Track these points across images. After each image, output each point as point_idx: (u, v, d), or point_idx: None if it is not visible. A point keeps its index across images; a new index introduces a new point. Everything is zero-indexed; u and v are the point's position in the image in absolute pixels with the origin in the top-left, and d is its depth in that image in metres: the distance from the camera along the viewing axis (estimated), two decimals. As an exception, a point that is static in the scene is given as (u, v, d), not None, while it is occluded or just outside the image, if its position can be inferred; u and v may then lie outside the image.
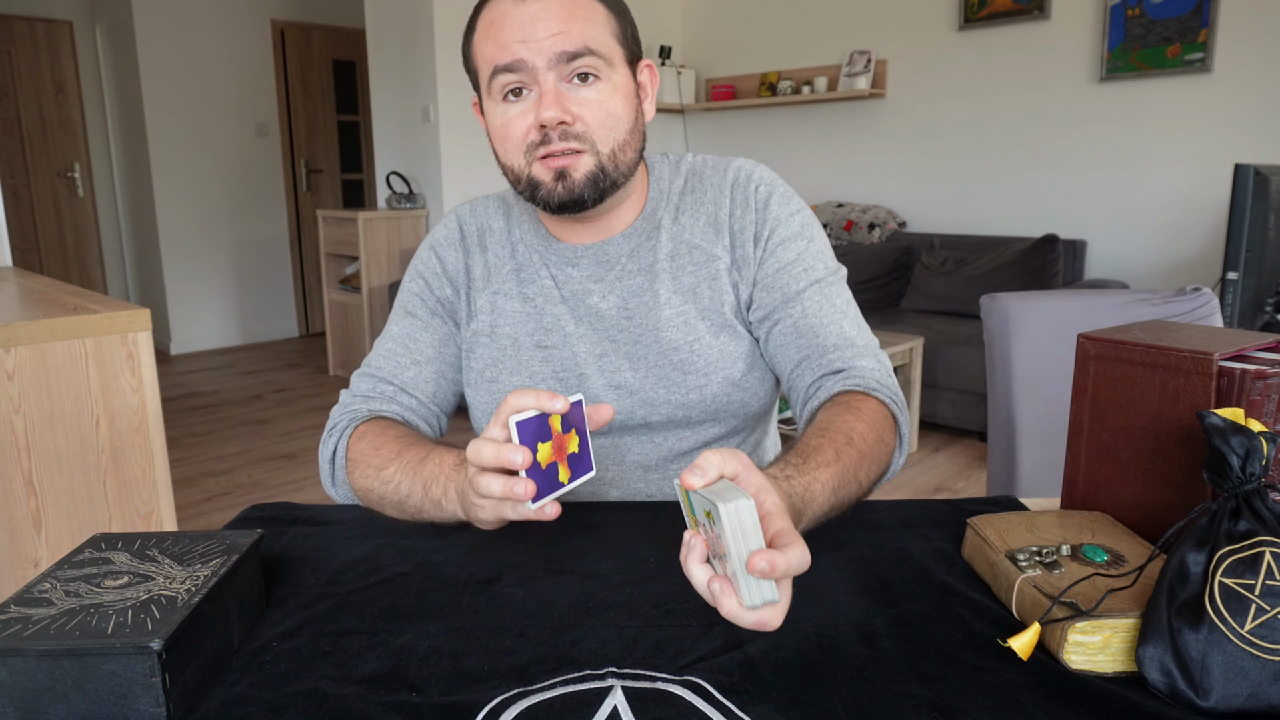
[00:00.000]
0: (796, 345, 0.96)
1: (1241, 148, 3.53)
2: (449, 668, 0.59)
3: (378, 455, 0.87)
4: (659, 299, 0.99)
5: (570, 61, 0.87)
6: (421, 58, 4.43)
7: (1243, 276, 1.98)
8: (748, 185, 1.01)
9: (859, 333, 0.97)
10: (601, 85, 0.89)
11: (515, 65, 0.87)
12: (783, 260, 0.98)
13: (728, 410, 1.01)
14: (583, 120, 0.88)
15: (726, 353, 0.99)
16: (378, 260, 4.59)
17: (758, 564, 0.54)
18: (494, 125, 0.92)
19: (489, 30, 0.89)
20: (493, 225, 1.05)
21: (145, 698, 0.52)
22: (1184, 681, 0.55)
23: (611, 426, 1.00)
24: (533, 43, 0.86)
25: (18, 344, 1.51)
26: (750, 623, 0.57)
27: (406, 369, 1.01)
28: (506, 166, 0.93)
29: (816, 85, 4.75)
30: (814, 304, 0.97)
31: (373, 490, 0.86)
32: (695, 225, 1.01)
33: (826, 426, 0.83)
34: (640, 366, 0.99)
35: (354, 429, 0.93)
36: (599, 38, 0.88)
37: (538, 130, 0.88)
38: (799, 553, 0.56)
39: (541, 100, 0.87)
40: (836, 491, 0.76)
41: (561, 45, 0.86)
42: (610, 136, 0.90)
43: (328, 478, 0.94)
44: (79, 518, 1.61)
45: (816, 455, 0.77)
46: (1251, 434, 0.59)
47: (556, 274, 1.01)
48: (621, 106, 0.90)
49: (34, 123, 5.36)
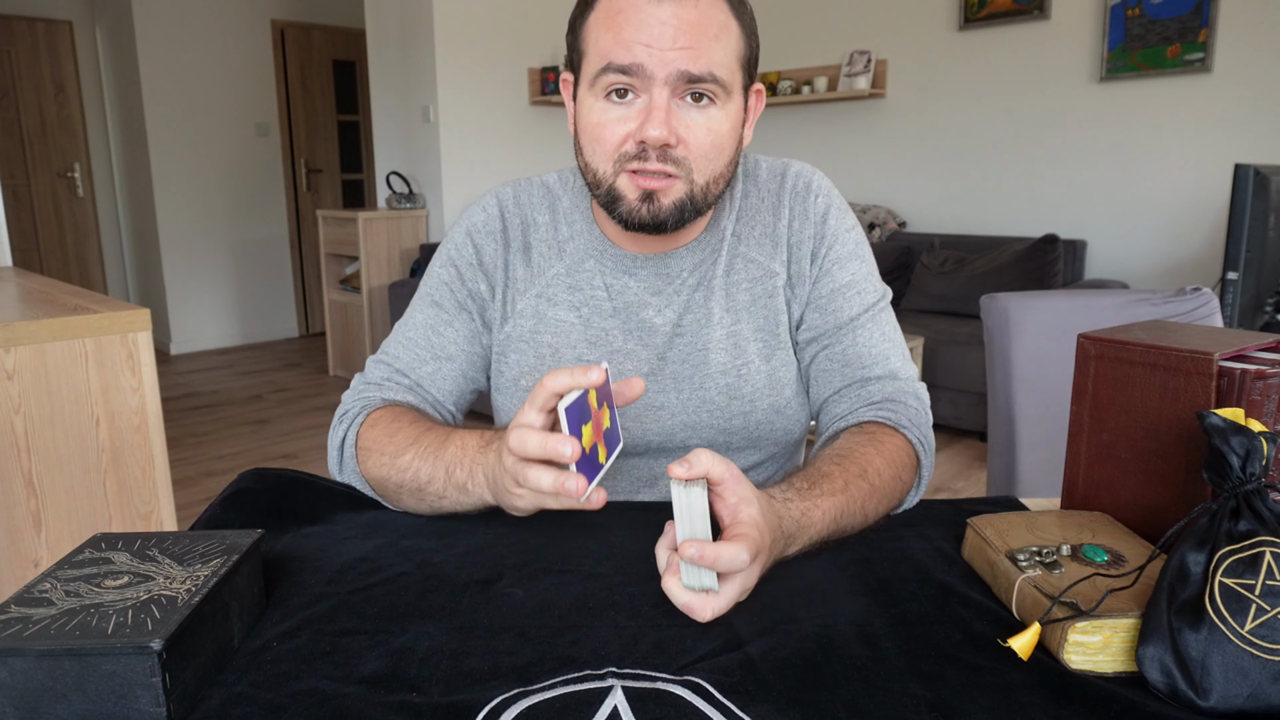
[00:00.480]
0: (842, 374, 0.94)
1: (1241, 148, 3.53)
2: (449, 668, 0.59)
3: (392, 442, 0.84)
4: (712, 317, 0.94)
5: (689, 83, 0.80)
6: (421, 58, 4.43)
7: (1243, 276, 1.98)
8: (807, 195, 0.96)
9: (903, 364, 0.95)
10: (713, 112, 0.83)
11: (632, 69, 0.80)
12: (839, 281, 0.95)
13: (770, 438, 0.97)
14: (686, 145, 0.82)
15: (775, 379, 0.95)
16: (378, 260, 4.59)
17: (687, 549, 0.60)
18: (587, 121, 0.85)
19: (612, 19, 0.81)
20: (537, 219, 0.98)
21: (145, 698, 0.52)
22: (1184, 681, 0.55)
23: (649, 447, 0.96)
24: (657, 50, 0.79)
25: (18, 344, 1.51)
26: (681, 603, 0.63)
27: (426, 363, 0.96)
28: (588, 167, 0.87)
29: (816, 85, 4.75)
30: (865, 333, 0.94)
31: (389, 479, 0.83)
32: (751, 236, 0.96)
33: (844, 454, 0.82)
34: (685, 388, 0.94)
35: (366, 416, 0.90)
36: (725, 62, 0.82)
37: (636, 143, 0.82)
38: (732, 551, 0.61)
39: (650, 116, 0.80)
40: (837, 520, 0.76)
41: (687, 64, 0.79)
42: (709, 167, 0.85)
43: (335, 464, 0.91)
44: (79, 518, 1.61)
45: (825, 482, 0.77)
46: (1251, 434, 0.59)
47: (611, 283, 0.95)
48: (727, 137, 0.85)
49: (34, 123, 5.36)
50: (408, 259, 4.69)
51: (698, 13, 0.80)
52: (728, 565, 0.61)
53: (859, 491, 0.78)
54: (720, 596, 0.63)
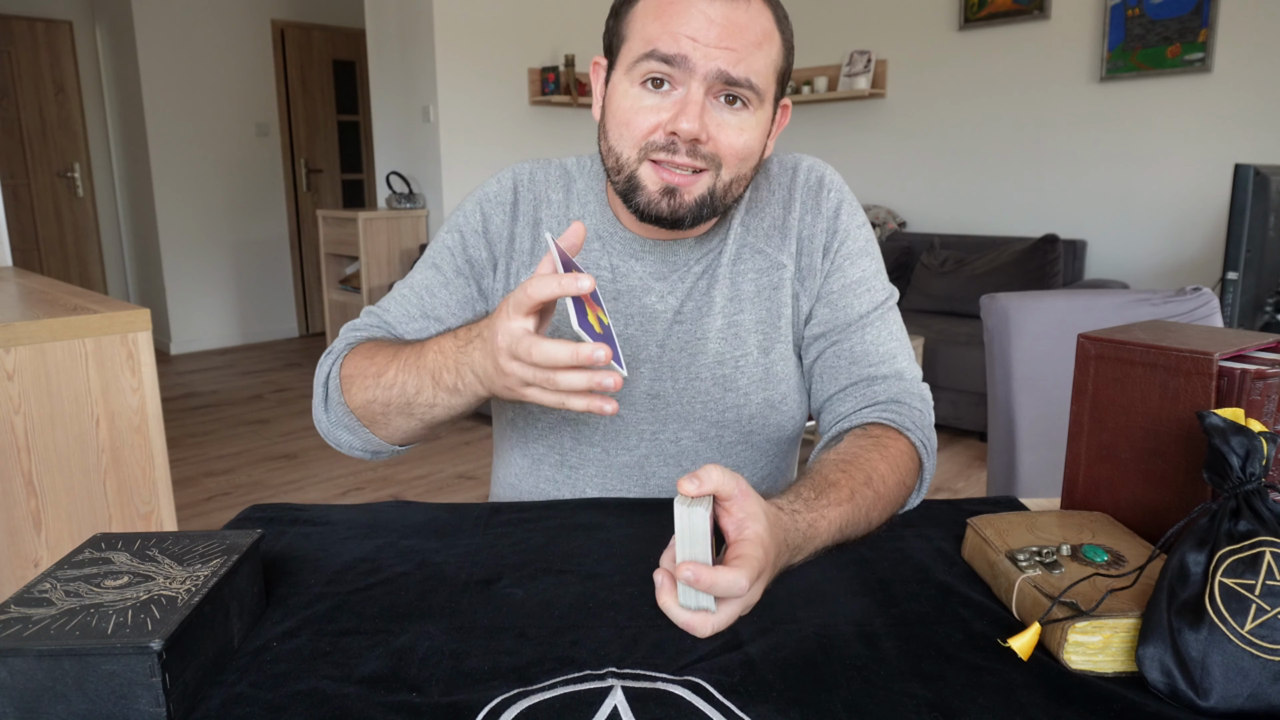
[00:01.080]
0: (848, 372, 0.94)
1: (1241, 148, 3.53)
2: (449, 668, 0.59)
3: (373, 364, 0.85)
4: (713, 306, 0.94)
5: (726, 85, 0.81)
6: (421, 58, 4.43)
7: (1243, 276, 1.98)
8: (820, 189, 0.96)
9: (909, 365, 0.95)
10: (746, 116, 0.84)
11: (675, 59, 0.80)
12: (849, 278, 0.95)
13: (762, 433, 0.97)
14: (716, 143, 0.83)
15: (772, 372, 0.95)
16: (378, 260, 4.59)
17: (684, 572, 0.60)
18: (618, 104, 0.85)
19: (663, 8, 0.81)
20: (551, 197, 0.98)
21: (145, 698, 0.52)
22: (1184, 681, 0.55)
23: (641, 440, 0.97)
24: (702, 45, 0.80)
25: (18, 344, 1.51)
26: (680, 622, 0.63)
27: (414, 320, 0.96)
28: (611, 150, 0.87)
29: (816, 85, 4.75)
30: (873, 331, 0.94)
31: (375, 400, 0.84)
32: (760, 228, 0.96)
33: (850, 461, 0.81)
34: (681, 377, 0.95)
35: (349, 350, 0.90)
36: (764, 71, 0.83)
37: (666, 134, 0.82)
38: (730, 578, 0.60)
39: (685, 109, 0.81)
40: (843, 530, 0.76)
41: (729, 65, 0.80)
42: (735, 168, 0.86)
43: (320, 402, 0.91)
44: (79, 518, 1.61)
45: (831, 491, 0.76)
46: (1251, 434, 0.59)
47: (617, 264, 0.95)
48: (755, 142, 0.86)
49: (34, 123, 5.36)
50: (408, 259, 4.69)
51: (747, 17, 0.81)
52: (725, 591, 0.61)
53: (864, 500, 0.78)
54: (719, 615, 0.63)
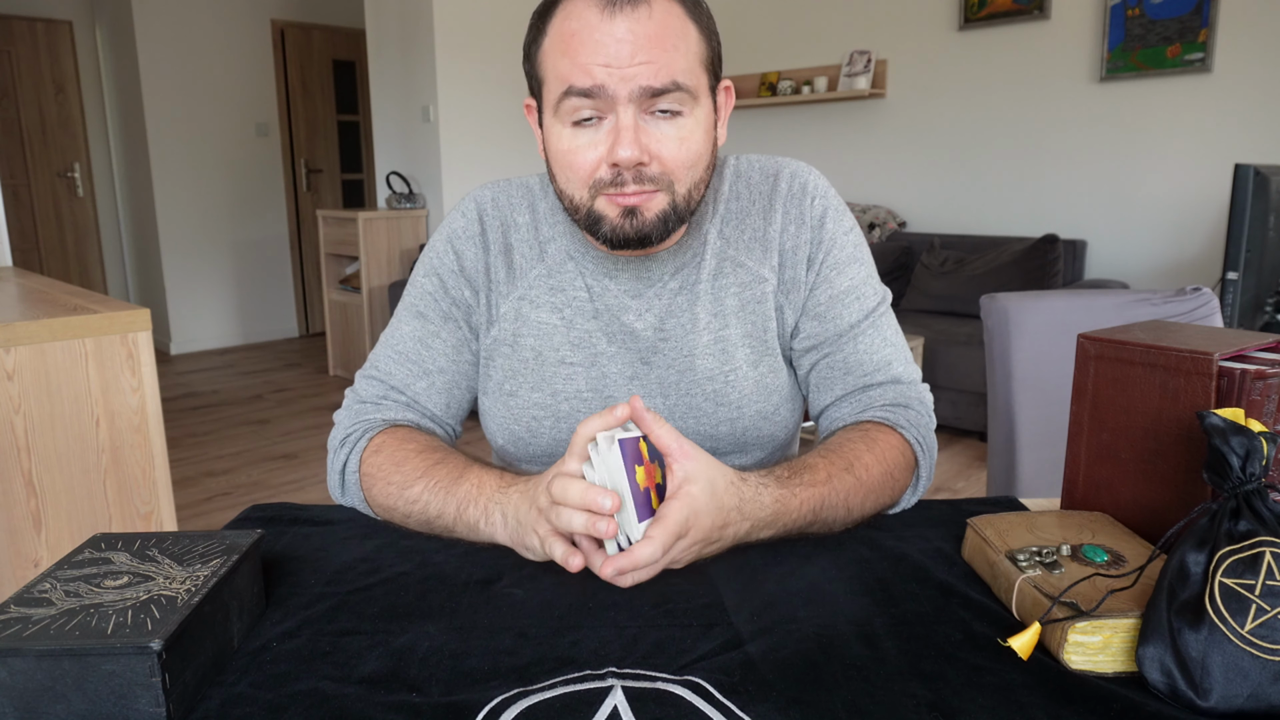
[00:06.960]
0: (843, 382, 0.93)
1: (1241, 148, 3.53)
2: (449, 668, 0.59)
3: (399, 472, 0.83)
4: (698, 323, 0.92)
5: (654, 97, 0.78)
6: (421, 58, 4.43)
7: (1243, 276, 1.98)
8: (803, 198, 0.93)
9: (905, 368, 0.94)
10: (684, 121, 0.80)
11: (594, 91, 0.77)
12: (837, 288, 0.92)
13: (756, 442, 0.96)
14: (660, 160, 0.80)
15: (763, 385, 0.94)
16: (378, 260, 4.59)
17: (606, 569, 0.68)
18: (557, 149, 0.83)
19: (566, 43, 0.78)
20: (517, 220, 0.95)
21: (145, 698, 0.52)
22: (1184, 681, 0.55)
23: None
24: (616, 69, 0.76)
25: (18, 344, 1.51)
26: (606, 575, 0.69)
27: (418, 379, 0.94)
28: (564, 194, 0.85)
29: (816, 85, 4.75)
30: (866, 340, 0.92)
31: (396, 509, 0.83)
32: (740, 240, 0.93)
33: (833, 449, 0.82)
34: (671, 394, 0.93)
35: (368, 441, 0.88)
36: (688, 69, 0.79)
37: (609, 168, 0.80)
38: (649, 550, 0.67)
39: (618, 137, 0.78)
40: (817, 512, 0.77)
41: (648, 79, 0.77)
42: (688, 176, 0.82)
43: (336, 489, 0.90)
44: (79, 518, 1.61)
45: (807, 473, 0.77)
46: (1251, 434, 0.59)
47: (592, 284, 0.93)
48: (702, 143, 0.82)
49: (34, 123, 5.36)
50: (408, 259, 4.69)
51: (653, 24, 0.77)
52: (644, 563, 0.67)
53: (842, 485, 0.78)
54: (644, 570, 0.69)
